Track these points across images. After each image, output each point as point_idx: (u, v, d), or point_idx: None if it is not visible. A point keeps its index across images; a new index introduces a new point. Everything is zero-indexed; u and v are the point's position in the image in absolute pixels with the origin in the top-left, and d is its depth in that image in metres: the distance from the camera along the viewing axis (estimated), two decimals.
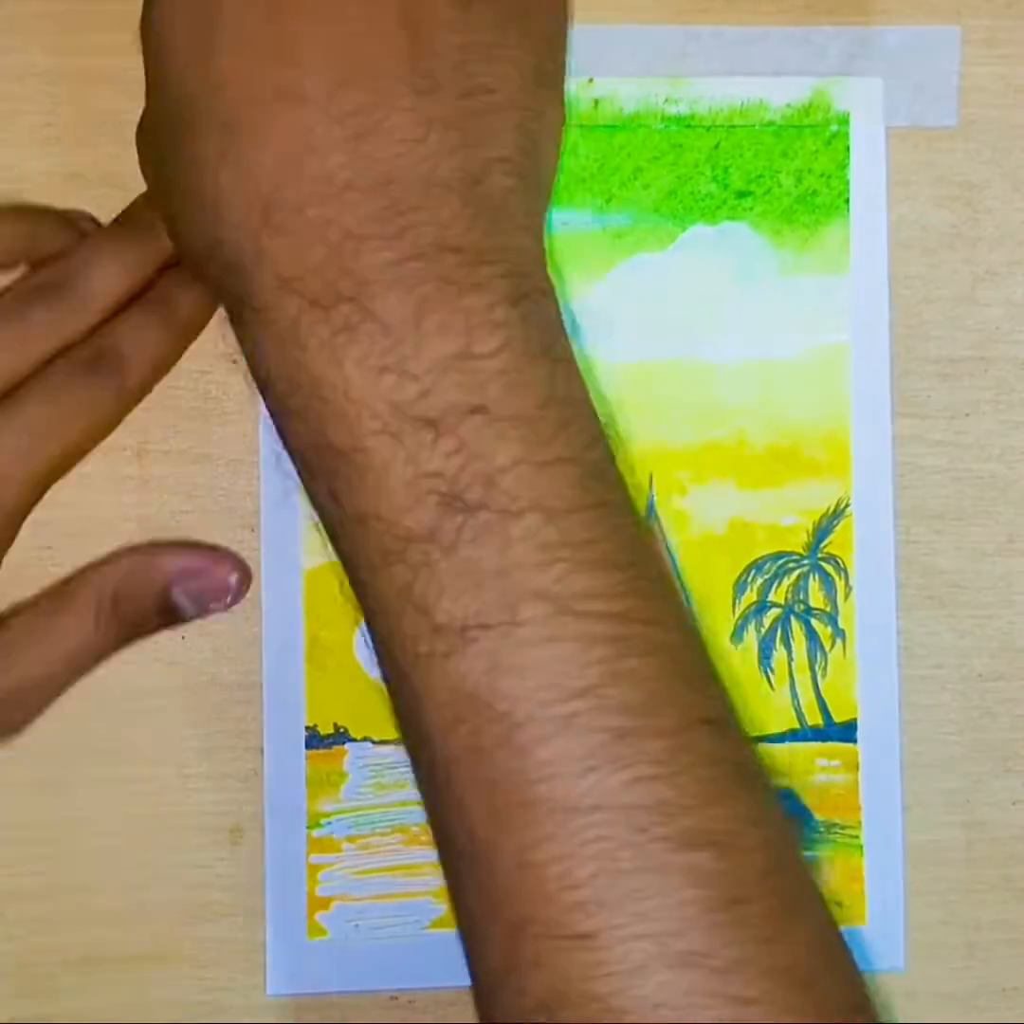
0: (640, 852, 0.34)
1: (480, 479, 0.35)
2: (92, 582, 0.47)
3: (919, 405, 0.52)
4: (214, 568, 0.47)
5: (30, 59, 0.49)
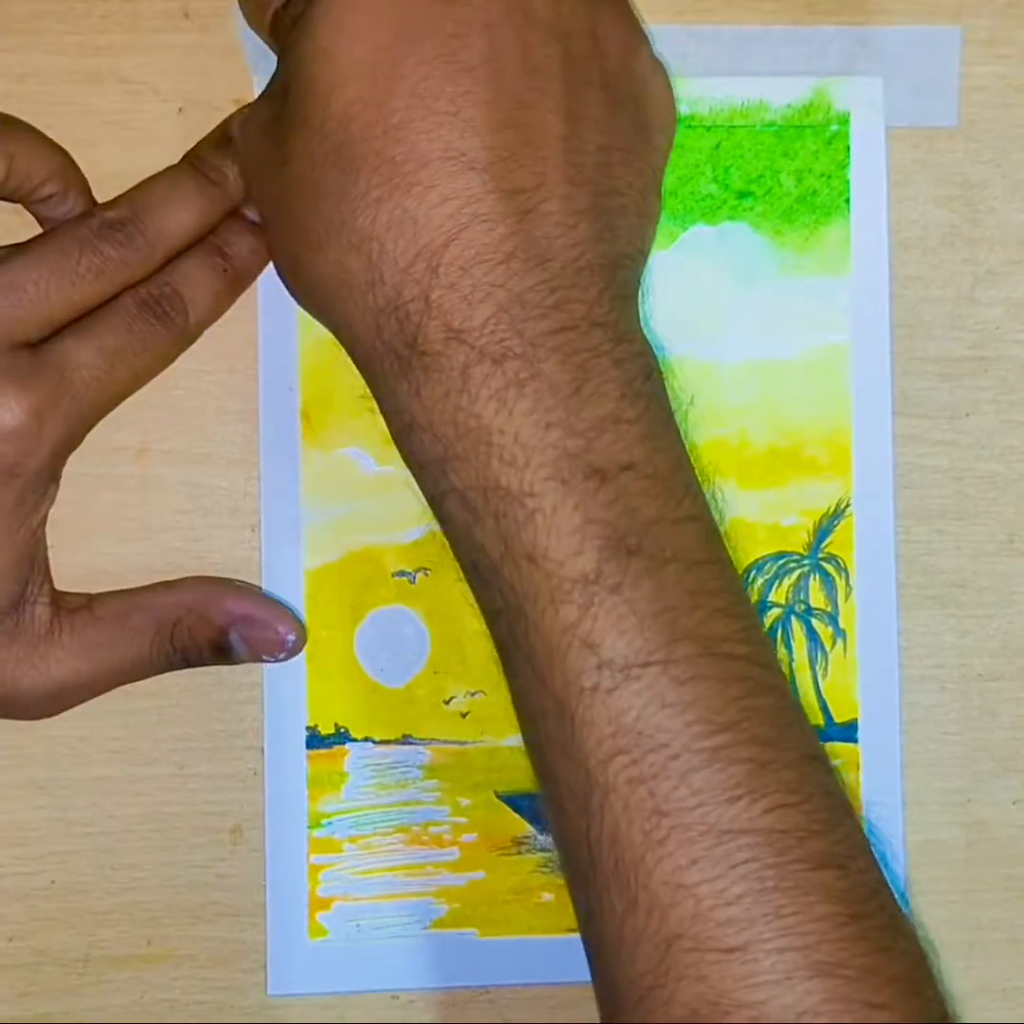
0: (781, 872, 0.37)
1: (635, 528, 0.39)
2: (156, 609, 0.48)
3: (919, 405, 0.52)
4: (275, 622, 0.49)
5: (30, 59, 0.49)
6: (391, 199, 0.40)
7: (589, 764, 0.38)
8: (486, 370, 0.39)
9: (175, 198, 0.46)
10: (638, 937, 0.38)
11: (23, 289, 0.44)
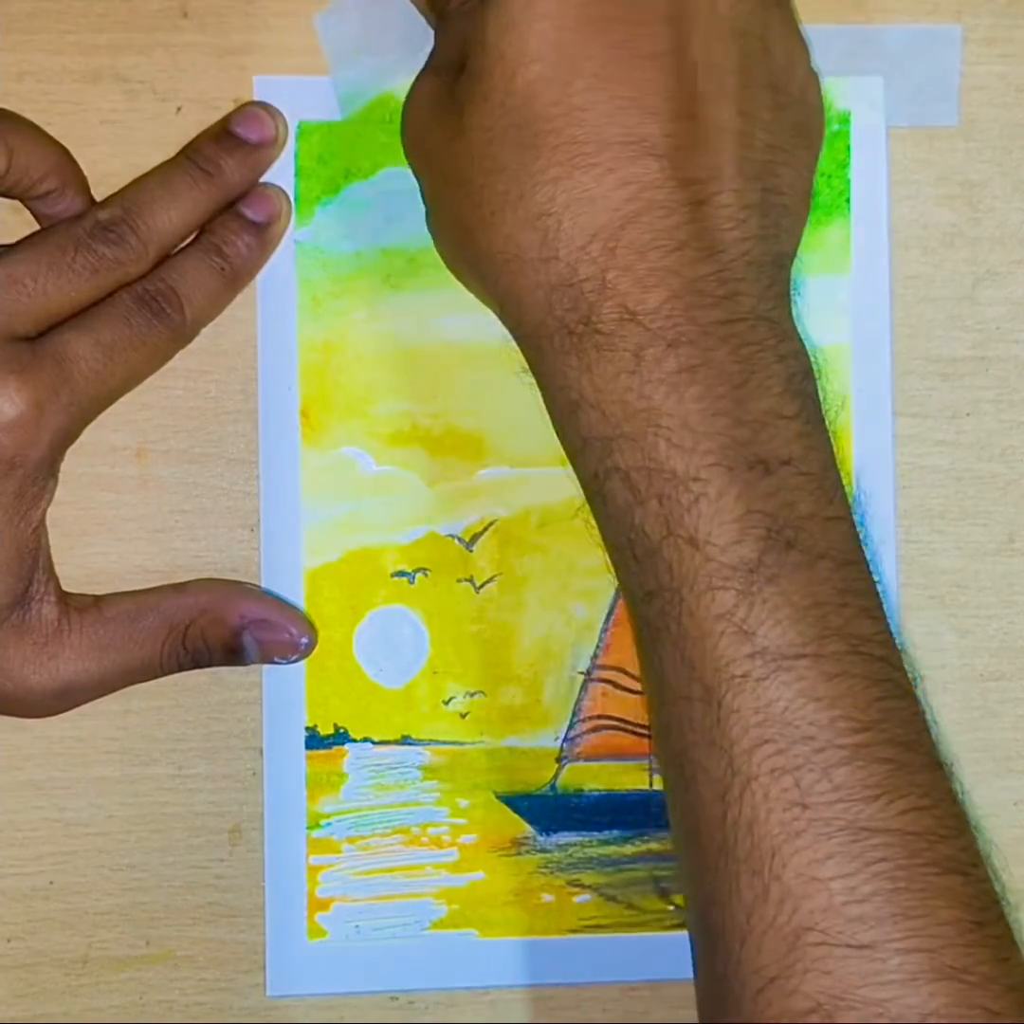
0: (912, 874, 0.38)
1: (792, 522, 0.40)
2: (168, 610, 0.48)
3: (919, 405, 0.52)
4: (288, 624, 0.49)
5: (30, 59, 0.49)
6: (571, 178, 0.41)
7: (733, 751, 0.39)
8: (659, 353, 0.40)
9: (167, 195, 0.47)
10: (767, 927, 0.39)
11: (21, 283, 0.45)
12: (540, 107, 0.41)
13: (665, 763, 0.42)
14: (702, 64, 0.42)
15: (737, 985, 0.39)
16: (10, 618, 0.46)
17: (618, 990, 0.52)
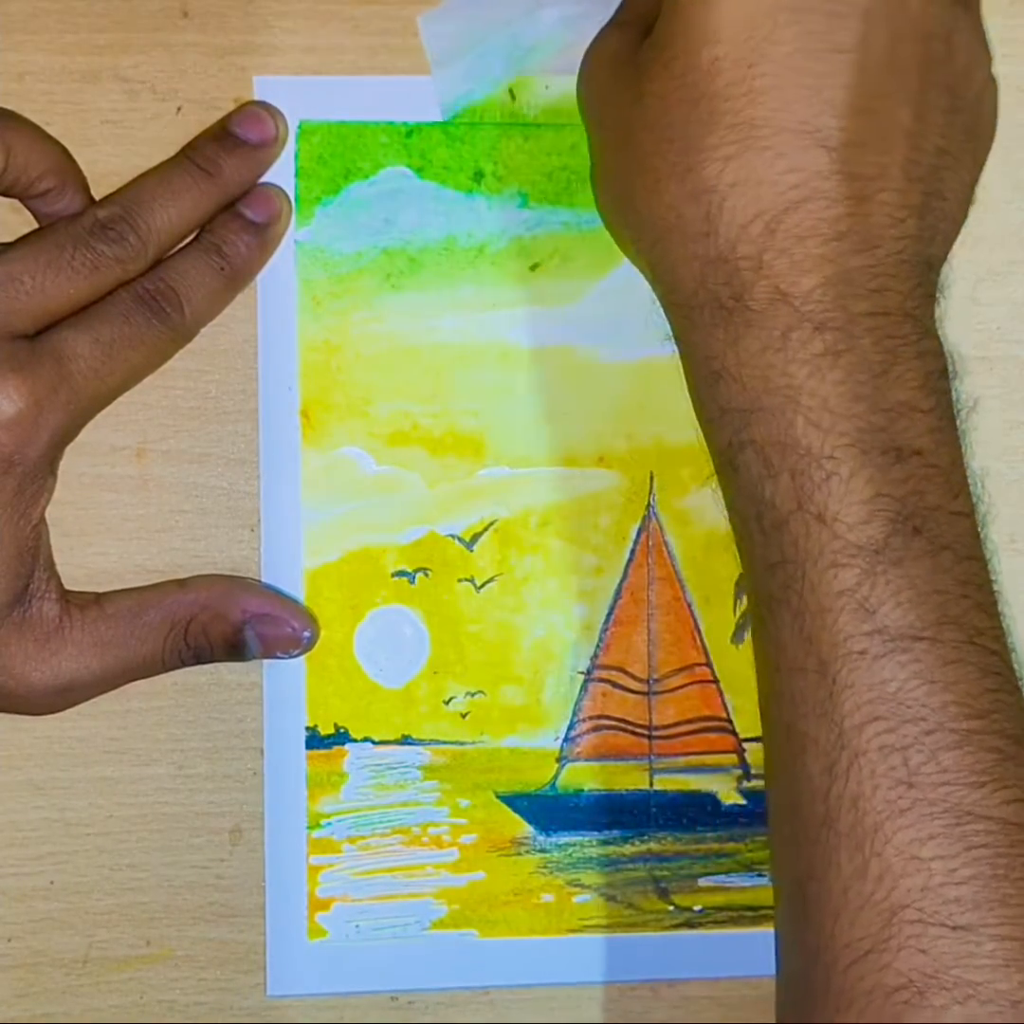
0: (1012, 863, 0.39)
1: (920, 510, 0.41)
2: (170, 606, 0.48)
3: None
4: (290, 619, 0.49)
5: (29, 58, 0.49)
6: (741, 157, 0.42)
7: (844, 725, 0.40)
8: (806, 335, 0.41)
9: (166, 194, 0.47)
10: (863, 902, 0.39)
11: (20, 281, 0.45)
12: (721, 85, 0.42)
13: (771, 733, 0.43)
14: (886, 63, 0.43)
15: (828, 958, 0.40)
16: (11, 615, 0.46)
17: (618, 990, 0.52)
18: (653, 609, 0.52)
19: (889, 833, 0.39)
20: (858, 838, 0.40)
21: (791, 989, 0.42)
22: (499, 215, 0.51)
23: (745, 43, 0.42)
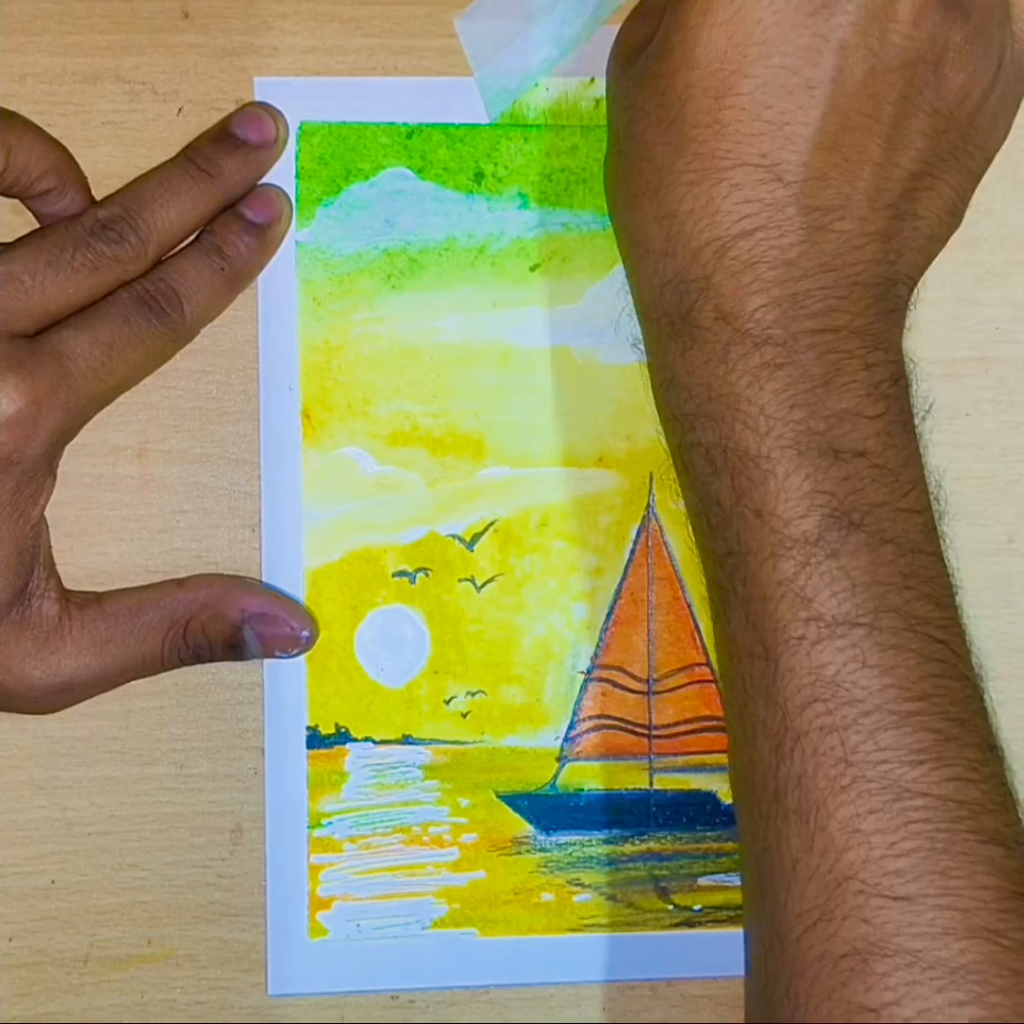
0: (952, 838, 0.40)
1: (860, 507, 0.42)
2: (169, 605, 0.49)
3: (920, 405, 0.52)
4: (289, 618, 0.49)
5: (30, 59, 0.49)
6: (699, 186, 0.43)
7: (787, 707, 0.42)
8: (746, 350, 0.43)
9: (166, 194, 0.47)
10: (810, 875, 0.41)
11: (19, 280, 0.45)
12: (691, 112, 0.43)
13: (729, 717, 0.45)
14: (860, 95, 0.43)
15: (783, 929, 0.42)
16: (10, 614, 0.46)
17: (617, 989, 0.52)
18: (653, 609, 0.52)
19: (831, 809, 0.41)
20: (804, 814, 0.41)
21: (754, 968, 0.44)
22: (499, 216, 0.51)
23: (716, 73, 0.43)
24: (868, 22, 0.43)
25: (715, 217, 0.43)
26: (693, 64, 0.43)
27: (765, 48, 0.43)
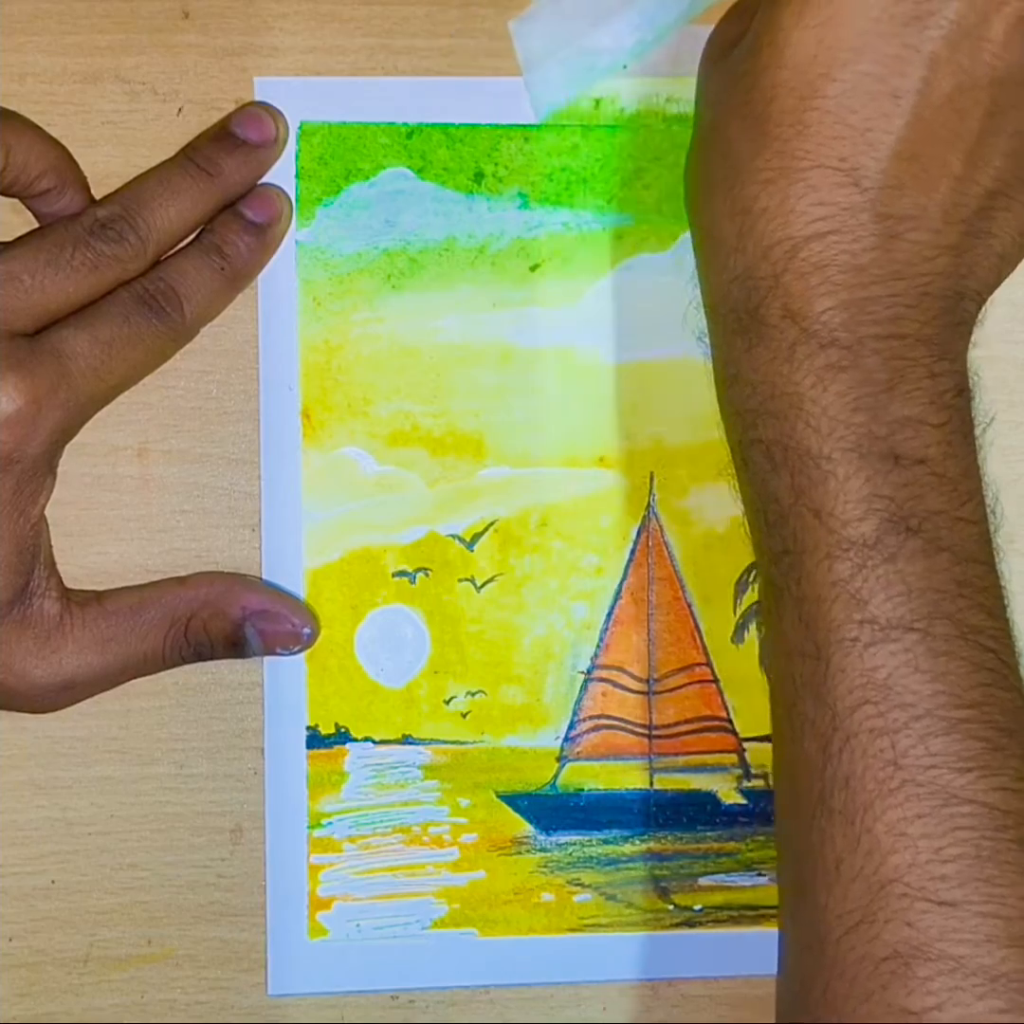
0: (998, 846, 0.41)
1: (918, 513, 0.43)
2: (170, 603, 0.49)
3: None
4: (290, 615, 0.50)
5: (30, 59, 0.49)
6: (776, 184, 0.43)
7: (837, 707, 0.42)
8: (811, 350, 0.43)
9: (165, 194, 0.47)
10: (854, 876, 0.41)
11: (19, 279, 0.45)
12: (775, 111, 0.43)
13: (776, 715, 0.45)
14: (945, 109, 0.43)
15: (823, 930, 0.42)
16: (11, 613, 0.46)
17: (617, 989, 0.52)
18: (653, 609, 0.52)
19: (879, 811, 0.41)
20: (850, 815, 0.41)
21: (789, 968, 0.43)
22: (499, 216, 0.51)
23: (804, 75, 0.43)
24: (960, 37, 0.43)
25: (789, 217, 0.43)
26: (782, 64, 0.43)
27: (855, 54, 0.43)
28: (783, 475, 0.44)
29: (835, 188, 0.43)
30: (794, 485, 0.43)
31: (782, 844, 0.44)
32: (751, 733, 0.52)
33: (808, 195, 0.43)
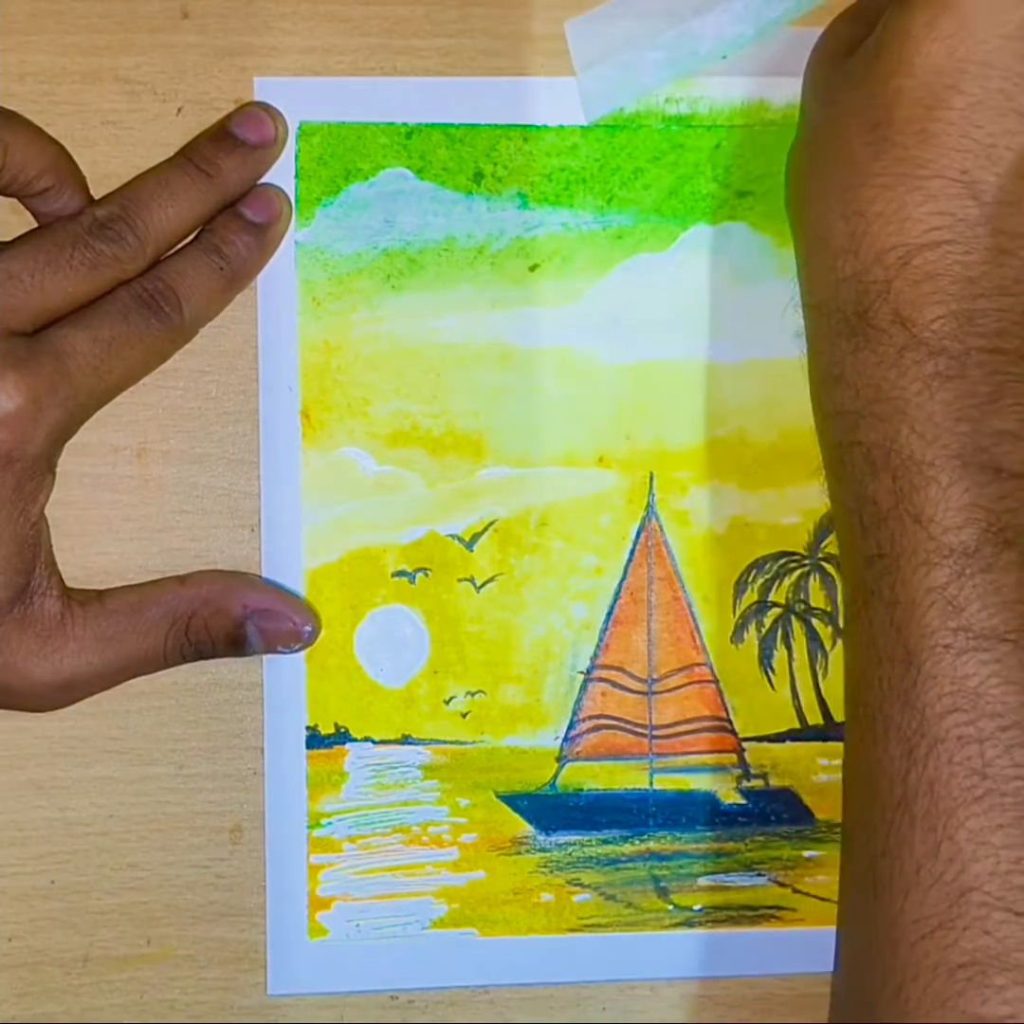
0: None
1: (1014, 526, 0.43)
2: (171, 602, 0.49)
3: None
4: (292, 614, 0.50)
5: (30, 59, 0.49)
6: (894, 190, 0.44)
7: (925, 713, 0.43)
8: (920, 357, 0.44)
9: (164, 194, 0.47)
10: (934, 881, 0.42)
11: (19, 279, 0.45)
12: (899, 118, 0.44)
13: (856, 718, 0.45)
14: None
15: (897, 933, 0.42)
16: (12, 612, 0.46)
17: (617, 989, 0.52)
18: (653, 609, 0.52)
19: (962, 818, 0.42)
20: (932, 821, 0.42)
21: (853, 968, 0.44)
22: (498, 216, 0.51)
23: (931, 85, 0.44)
24: None
25: (904, 224, 0.44)
26: (910, 72, 0.44)
27: (985, 69, 0.43)
28: (883, 478, 0.44)
29: (953, 199, 0.44)
30: (895, 489, 0.44)
31: (852, 845, 0.45)
32: (751, 733, 0.52)
33: (926, 203, 0.44)
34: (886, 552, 0.44)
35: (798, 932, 0.52)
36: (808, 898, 0.52)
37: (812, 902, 0.52)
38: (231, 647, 0.49)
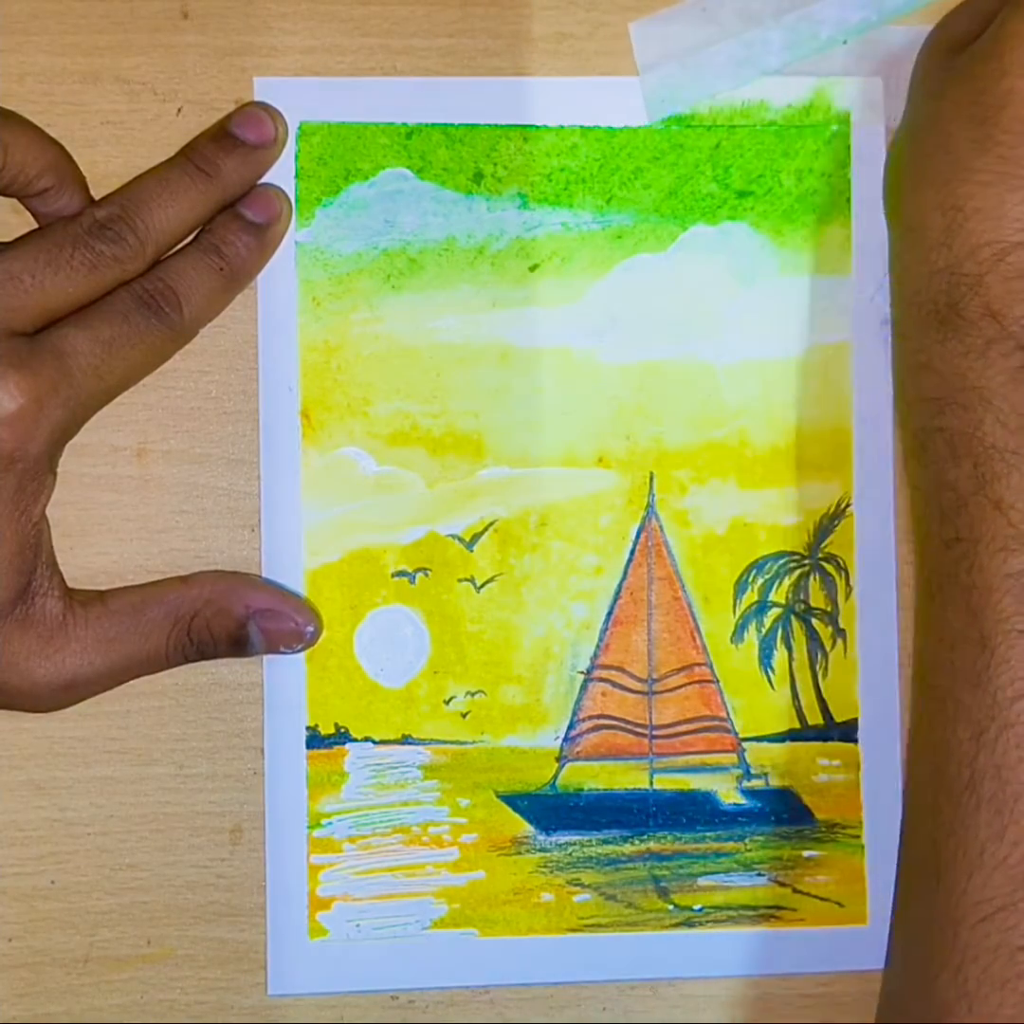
0: None
1: None
2: (173, 602, 0.49)
3: None
4: (294, 614, 0.50)
5: (30, 59, 0.49)
6: (994, 187, 0.45)
7: (997, 697, 0.43)
8: (1007, 350, 0.45)
9: (165, 194, 0.47)
10: (998, 864, 0.43)
11: (19, 279, 0.45)
12: (1006, 117, 0.45)
13: (925, 701, 0.46)
14: None
15: (958, 914, 0.43)
16: (14, 612, 0.46)
17: (617, 989, 0.52)
18: (653, 609, 0.52)
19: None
20: (998, 804, 0.43)
21: (910, 951, 0.44)
22: (498, 216, 0.51)
23: None
24: None
25: (1001, 221, 0.45)
26: (1020, 73, 0.45)
27: None
28: (964, 465, 0.45)
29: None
30: (976, 475, 0.45)
31: (913, 827, 0.45)
32: (751, 733, 0.52)
33: (1012, 193, 0.45)
34: (964, 537, 0.45)
35: (798, 932, 0.52)
36: (808, 898, 0.52)
37: (812, 902, 0.52)
38: (233, 647, 0.49)
